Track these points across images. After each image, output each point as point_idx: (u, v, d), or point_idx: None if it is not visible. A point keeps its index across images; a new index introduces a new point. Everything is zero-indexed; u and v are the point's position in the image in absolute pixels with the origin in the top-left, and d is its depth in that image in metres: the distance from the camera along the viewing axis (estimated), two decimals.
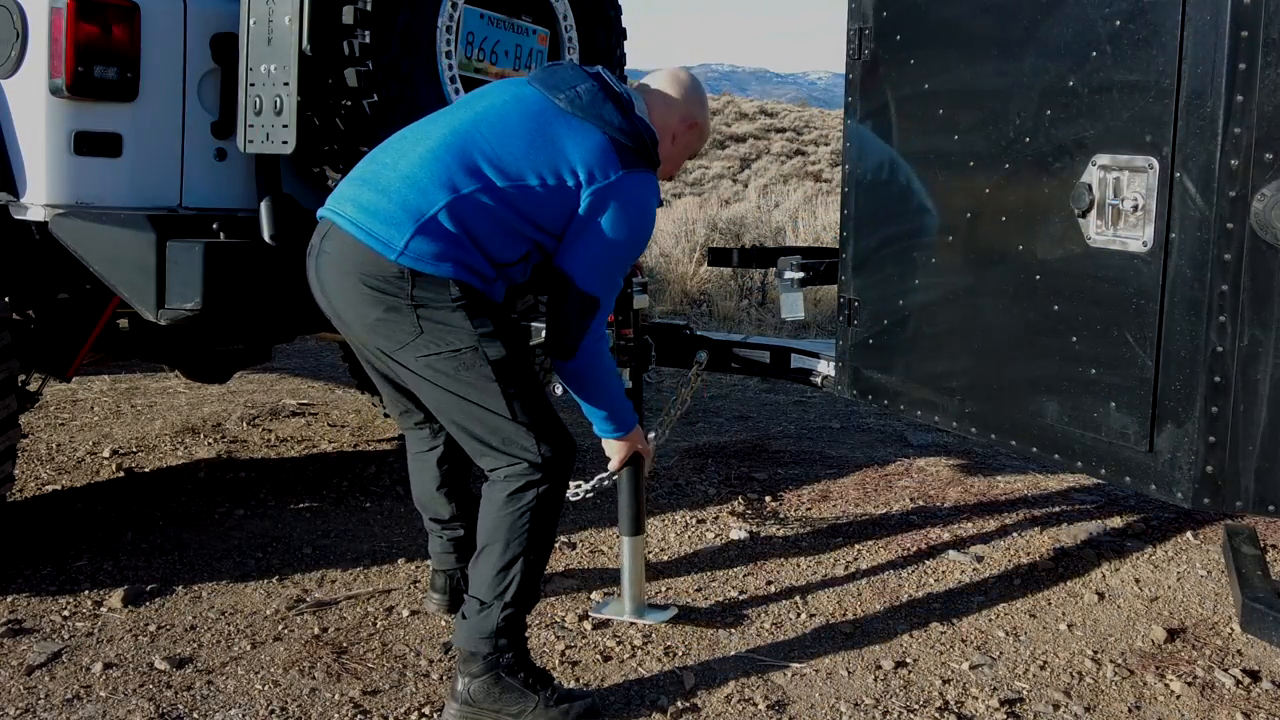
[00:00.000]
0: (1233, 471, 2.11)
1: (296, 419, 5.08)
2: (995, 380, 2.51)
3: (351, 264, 2.31)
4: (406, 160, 2.34)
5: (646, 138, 2.45)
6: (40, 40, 2.80)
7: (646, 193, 2.43)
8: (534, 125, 2.36)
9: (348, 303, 2.35)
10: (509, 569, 2.34)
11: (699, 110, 2.67)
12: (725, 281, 9.44)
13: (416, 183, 2.30)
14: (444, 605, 2.93)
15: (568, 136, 2.36)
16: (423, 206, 2.27)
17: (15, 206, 2.91)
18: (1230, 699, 2.58)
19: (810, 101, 45.33)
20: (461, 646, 2.37)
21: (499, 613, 2.34)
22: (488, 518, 2.38)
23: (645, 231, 2.46)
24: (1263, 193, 2.00)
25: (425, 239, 2.26)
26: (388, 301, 2.28)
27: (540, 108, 2.39)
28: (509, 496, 2.35)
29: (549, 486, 2.36)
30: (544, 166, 2.33)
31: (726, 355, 3.30)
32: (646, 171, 2.43)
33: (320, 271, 2.40)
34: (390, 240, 2.26)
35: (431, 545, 2.95)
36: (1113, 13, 2.17)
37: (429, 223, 2.27)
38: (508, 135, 2.35)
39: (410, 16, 3.06)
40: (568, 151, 2.34)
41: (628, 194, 2.37)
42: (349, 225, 2.32)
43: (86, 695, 2.49)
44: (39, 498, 3.84)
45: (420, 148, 2.35)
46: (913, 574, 3.31)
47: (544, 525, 2.38)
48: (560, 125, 2.37)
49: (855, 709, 2.50)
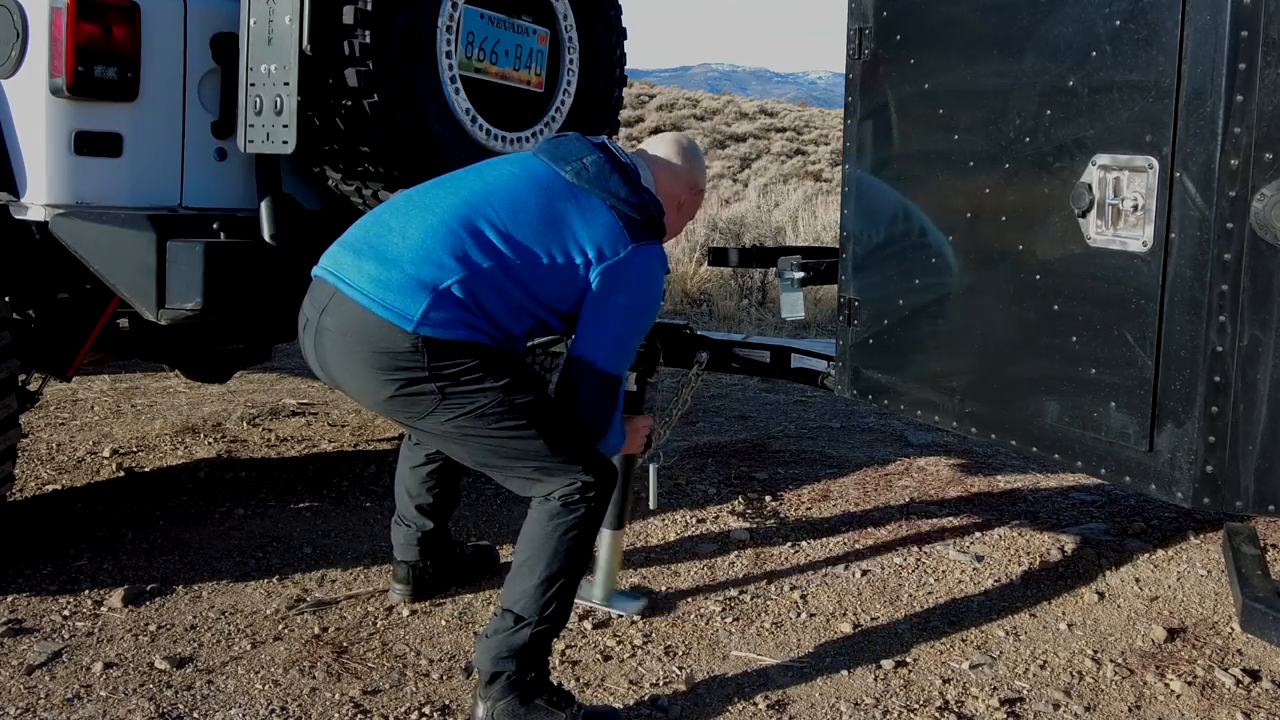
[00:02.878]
0: (1233, 471, 2.11)
1: (297, 418, 5.08)
2: (995, 380, 2.51)
3: (361, 341, 2.25)
4: (416, 228, 2.29)
5: (653, 208, 2.44)
6: (40, 40, 2.80)
7: (655, 264, 2.43)
8: (544, 201, 2.35)
9: (358, 381, 2.31)
10: (551, 584, 2.32)
11: (701, 176, 2.73)
12: (725, 281, 9.44)
13: (430, 254, 2.25)
14: (407, 595, 2.98)
15: (576, 214, 2.35)
16: (438, 278, 2.23)
17: (15, 206, 2.91)
18: (1230, 698, 2.58)
19: (810, 101, 45.33)
20: (483, 667, 2.33)
21: (532, 631, 2.30)
22: (534, 530, 2.35)
23: (656, 302, 2.47)
24: (1263, 193, 2.00)
25: (440, 310, 2.22)
26: (403, 376, 2.24)
27: (548, 182, 2.38)
28: (561, 508, 2.33)
29: (595, 505, 2.36)
30: (553, 245, 2.31)
31: (727, 355, 3.30)
32: (653, 243, 2.43)
33: (321, 348, 2.34)
34: (406, 310, 2.21)
35: (396, 535, 2.98)
36: (1113, 12, 2.17)
37: (443, 293, 2.23)
38: (519, 210, 2.32)
39: (410, 16, 3.06)
40: (576, 229, 2.33)
41: (637, 268, 2.37)
42: (358, 295, 2.25)
43: (87, 695, 2.49)
44: (39, 497, 3.84)
45: (430, 217, 2.31)
46: (913, 573, 3.31)
47: (585, 545, 2.37)
48: (568, 202, 2.36)
49: (855, 708, 2.50)
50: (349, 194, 3.20)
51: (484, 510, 3.79)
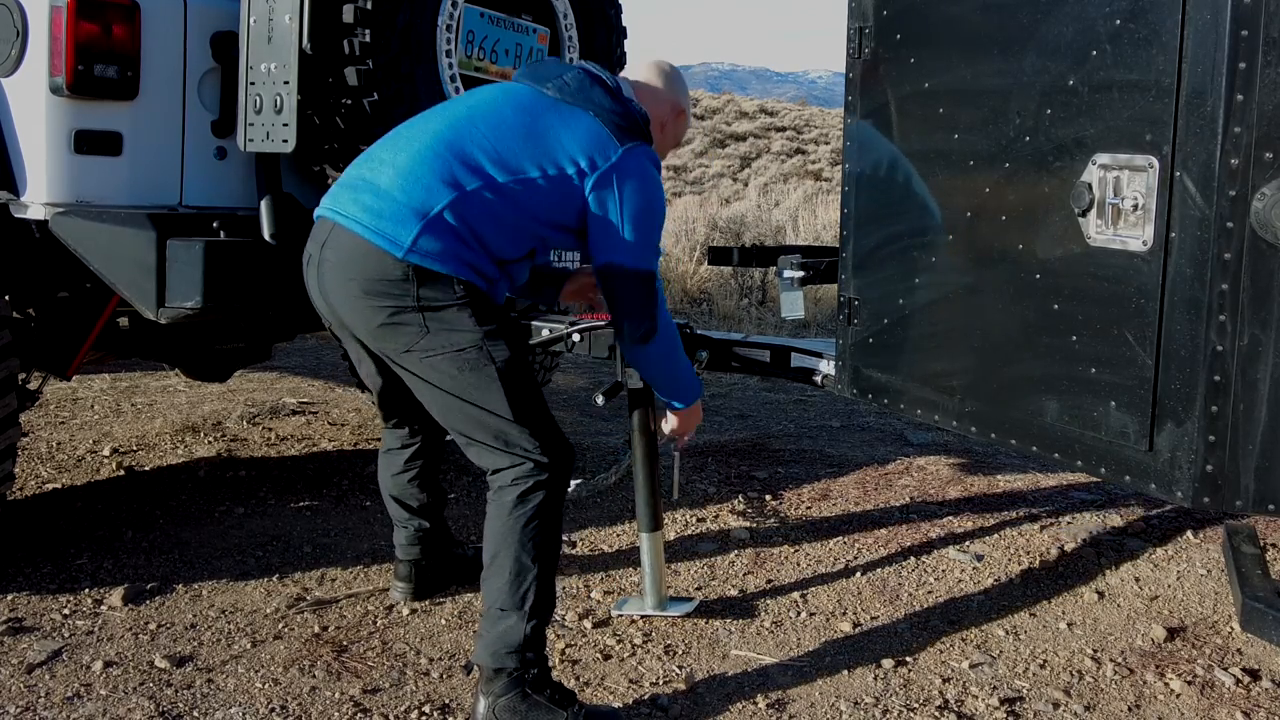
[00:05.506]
0: (1232, 470, 2.11)
1: (297, 417, 5.08)
2: (995, 379, 2.51)
3: (356, 268, 2.30)
4: (405, 156, 2.34)
5: (638, 115, 2.46)
6: (40, 39, 2.81)
7: (647, 163, 2.43)
8: (528, 118, 2.37)
9: (353, 309, 2.35)
10: (523, 575, 2.32)
11: (684, 98, 2.72)
12: (725, 280, 9.45)
13: (419, 179, 2.29)
14: (408, 593, 3.00)
15: (561, 126, 2.36)
16: (428, 203, 2.27)
17: (15, 205, 2.91)
18: (1230, 698, 2.58)
19: (810, 100, 45.30)
20: (484, 664, 2.33)
21: (523, 625, 2.31)
22: (496, 525, 2.36)
23: (660, 195, 2.47)
24: (1263, 192, 2.00)
25: (431, 236, 2.26)
26: (393, 304, 2.28)
27: (531, 100, 2.41)
28: (517, 500, 2.34)
29: (553, 488, 2.36)
30: (543, 158, 2.33)
31: (727, 354, 3.30)
32: (643, 143, 2.44)
33: (322, 279, 2.39)
34: (397, 237, 2.25)
35: (396, 536, 3.00)
36: (1113, 12, 2.17)
37: (434, 220, 2.26)
38: (503, 129, 2.35)
39: (410, 15, 3.06)
40: (563, 140, 2.35)
41: (631, 170, 2.38)
42: (354, 225, 2.30)
43: (87, 693, 2.49)
44: (39, 496, 3.84)
45: (417, 144, 2.35)
46: (913, 573, 3.31)
47: (551, 529, 2.37)
48: (553, 115, 2.38)
49: (855, 708, 2.50)
50: None
51: (484, 510, 3.78)
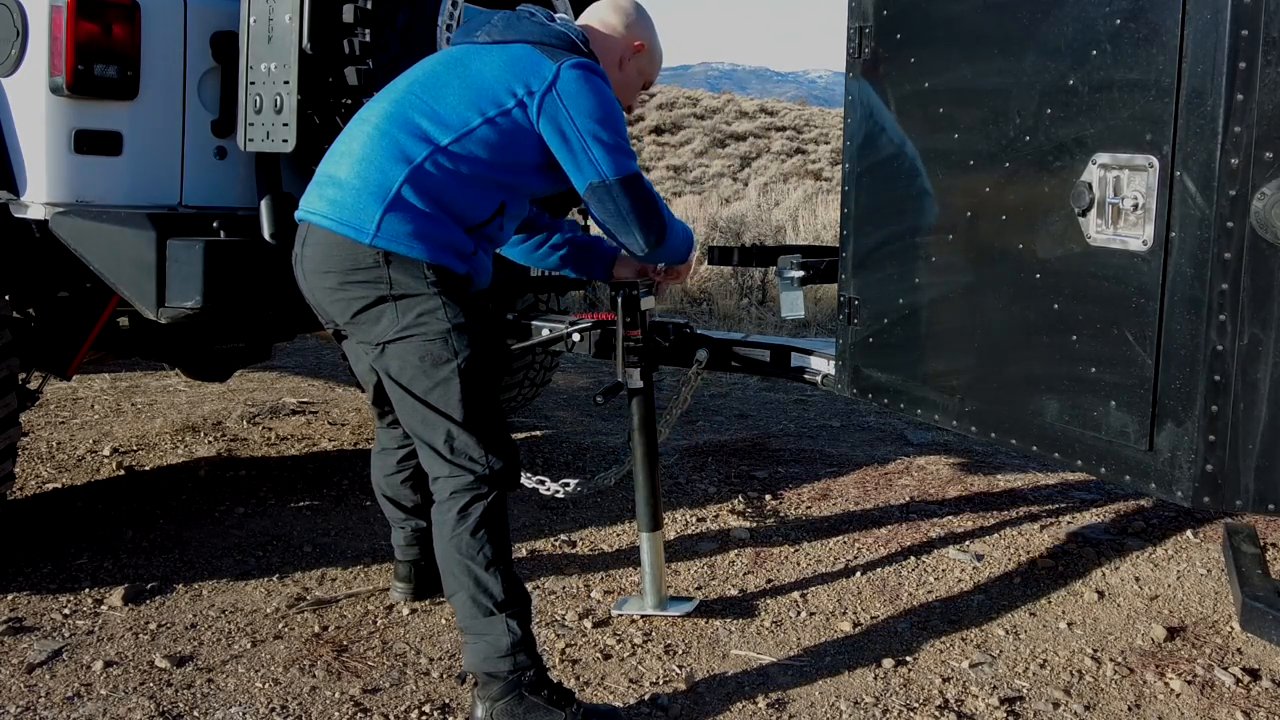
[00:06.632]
0: (1233, 470, 2.11)
1: (297, 417, 5.08)
2: (995, 379, 2.51)
3: (330, 261, 2.32)
4: (359, 143, 2.36)
5: (574, 36, 2.44)
6: (40, 38, 2.80)
7: (588, 71, 2.37)
8: (461, 70, 2.38)
9: (332, 301, 2.37)
10: (483, 585, 2.31)
11: (644, 32, 2.66)
12: (725, 280, 9.44)
13: (373, 162, 2.31)
14: (408, 593, 3.00)
15: (492, 63, 2.36)
16: (385, 184, 2.28)
17: (15, 205, 2.91)
18: (1230, 697, 2.58)
19: (810, 100, 45.26)
20: (476, 671, 2.32)
21: (504, 626, 2.29)
22: (443, 543, 2.35)
23: (610, 100, 2.40)
24: (1263, 191, 2.00)
25: (396, 218, 2.27)
26: (367, 291, 2.30)
27: (463, 53, 2.43)
28: (457, 515, 2.32)
29: (493, 500, 2.34)
30: (481, 100, 2.33)
31: (727, 354, 3.30)
32: (580, 58, 2.39)
33: (306, 276, 2.42)
34: (361, 225, 2.27)
35: (394, 536, 3.00)
36: (1113, 11, 2.17)
37: (395, 199, 2.27)
38: (438, 87, 2.36)
39: (410, 15, 3.06)
40: (498, 75, 2.35)
41: (569, 79, 2.33)
42: (322, 220, 2.33)
43: (87, 693, 2.49)
44: (39, 496, 3.84)
45: (368, 127, 2.37)
46: (913, 573, 3.31)
47: (497, 529, 2.35)
48: (484, 57, 2.38)
49: (855, 707, 2.51)
50: None
51: None
